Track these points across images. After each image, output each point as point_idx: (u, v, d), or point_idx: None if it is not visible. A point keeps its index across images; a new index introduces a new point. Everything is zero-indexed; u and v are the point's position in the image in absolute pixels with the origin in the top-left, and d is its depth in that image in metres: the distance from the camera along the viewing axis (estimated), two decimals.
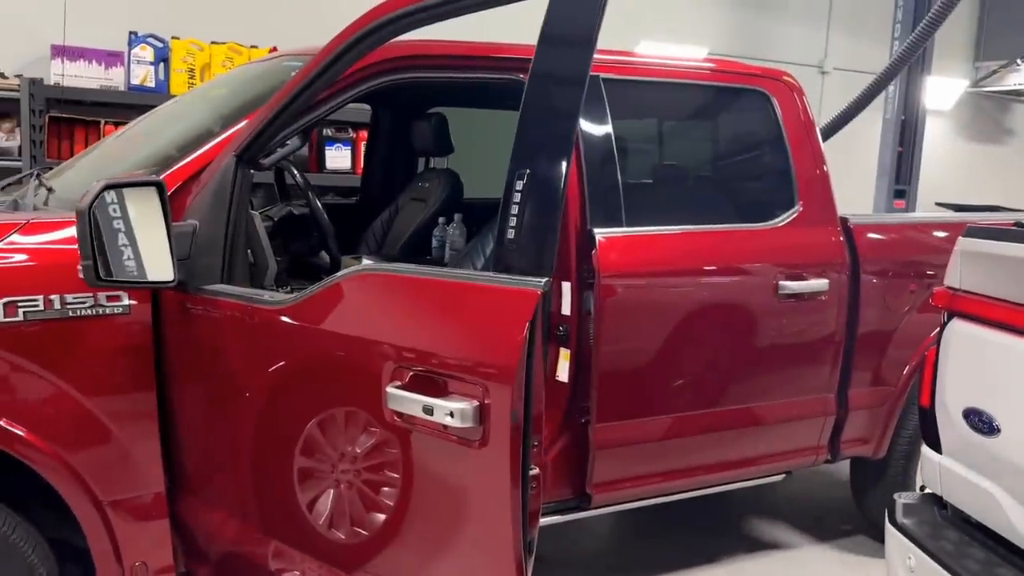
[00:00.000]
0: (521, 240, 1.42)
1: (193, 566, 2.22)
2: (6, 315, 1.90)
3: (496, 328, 1.43)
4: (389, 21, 1.73)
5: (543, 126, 1.47)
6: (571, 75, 1.45)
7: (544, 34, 1.52)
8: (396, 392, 1.54)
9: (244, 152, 2.01)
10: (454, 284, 1.56)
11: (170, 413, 2.11)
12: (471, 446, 1.43)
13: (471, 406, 1.42)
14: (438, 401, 1.45)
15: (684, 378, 2.79)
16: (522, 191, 1.41)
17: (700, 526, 3.67)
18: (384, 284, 1.69)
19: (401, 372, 1.55)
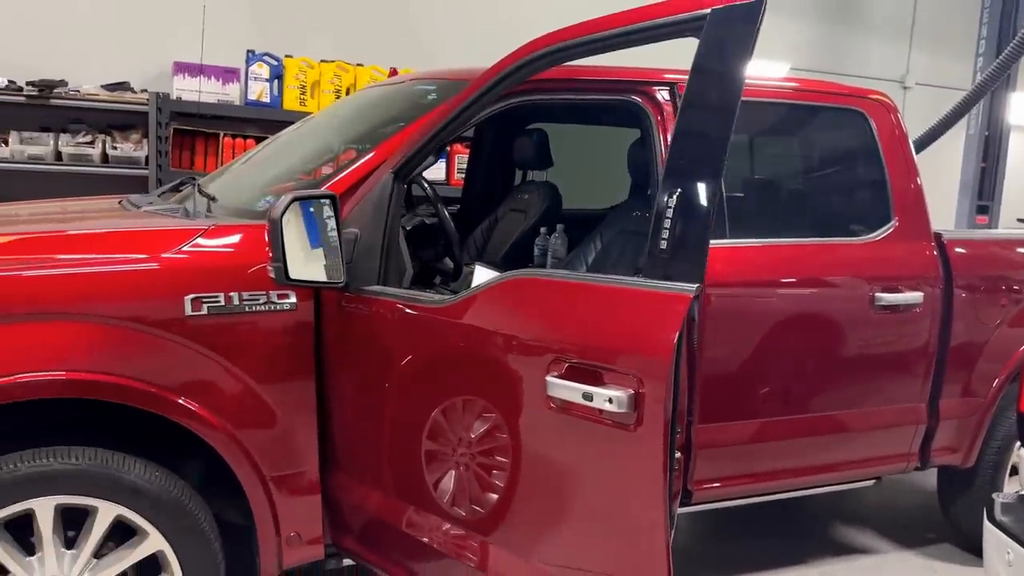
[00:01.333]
0: (674, 250, 1.62)
1: (338, 538, 2.46)
2: (193, 309, 2.17)
3: (651, 326, 1.63)
4: (550, 53, 1.95)
5: (695, 149, 1.66)
6: (723, 102, 1.64)
7: (697, 63, 1.71)
8: (556, 381, 1.76)
9: (401, 169, 2.26)
10: (610, 288, 1.78)
11: (326, 399, 2.36)
12: (626, 429, 1.64)
13: (627, 394, 1.63)
14: (597, 389, 1.67)
15: (781, 384, 2.94)
16: (674, 207, 1.61)
17: (788, 529, 3.80)
18: (540, 287, 1.92)
19: (559, 364, 1.77)
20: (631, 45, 1.87)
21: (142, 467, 2.18)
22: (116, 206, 2.89)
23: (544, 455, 1.87)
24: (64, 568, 2.16)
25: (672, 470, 1.61)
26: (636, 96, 2.74)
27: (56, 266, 2.17)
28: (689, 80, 1.72)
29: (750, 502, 3.09)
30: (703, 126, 1.67)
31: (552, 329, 1.81)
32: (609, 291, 1.78)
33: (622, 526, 1.73)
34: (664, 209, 1.63)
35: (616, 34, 1.86)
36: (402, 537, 2.27)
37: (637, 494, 1.67)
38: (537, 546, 1.96)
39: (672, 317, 1.60)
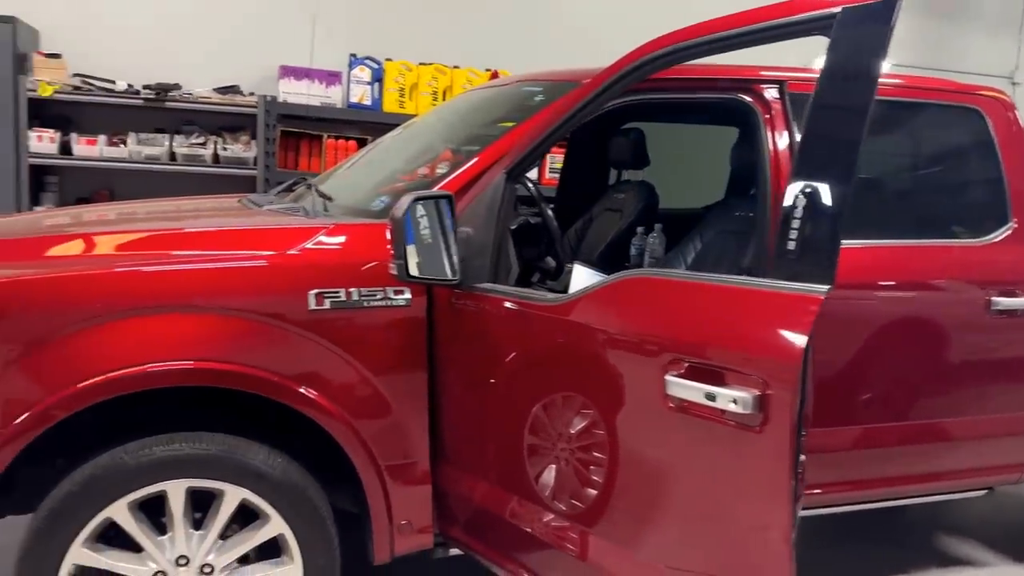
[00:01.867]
0: (802, 251, 1.62)
1: (446, 528, 2.53)
2: (316, 304, 2.27)
3: (780, 328, 1.64)
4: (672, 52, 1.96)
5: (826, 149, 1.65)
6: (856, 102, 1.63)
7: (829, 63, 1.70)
8: (676, 380, 1.78)
9: (514, 169, 2.32)
10: (734, 288, 1.78)
11: (436, 393, 2.43)
12: (750, 431, 1.65)
13: (752, 395, 1.64)
14: (721, 389, 1.68)
15: (888, 389, 2.87)
16: (803, 207, 1.61)
17: (890, 537, 3.71)
18: (658, 286, 1.94)
19: (679, 363, 1.79)
20: (756, 44, 1.88)
21: (266, 453, 2.29)
22: (238, 204, 3.03)
23: (658, 453, 1.89)
24: (192, 547, 2.28)
25: (797, 473, 1.61)
26: (744, 94, 2.73)
27: (190, 261, 2.30)
28: (820, 79, 1.71)
29: (853, 509, 3.04)
30: (834, 126, 1.66)
31: (671, 329, 1.83)
32: (733, 291, 1.78)
33: (743, 529, 1.73)
34: (792, 209, 1.63)
35: (741, 33, 1.87)
36: (507, 528, 2.32)
37: (760, 497, 1.67)
38: (646, 543, 1.98)
39: (802, 319, 1.60)
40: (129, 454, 2.18)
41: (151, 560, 2.25)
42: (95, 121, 5.11)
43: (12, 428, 2.08)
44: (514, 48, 5.92)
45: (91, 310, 2.14)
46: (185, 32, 5.40)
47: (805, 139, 1.68)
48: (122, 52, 5.24)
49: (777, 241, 1.66)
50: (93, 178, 5.18)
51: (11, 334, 2.10)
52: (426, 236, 2.11)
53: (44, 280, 2.16)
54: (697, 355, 1.76)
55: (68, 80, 4.89)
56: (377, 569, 2.53)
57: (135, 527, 2.22)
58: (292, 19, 5.55)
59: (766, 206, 2.72)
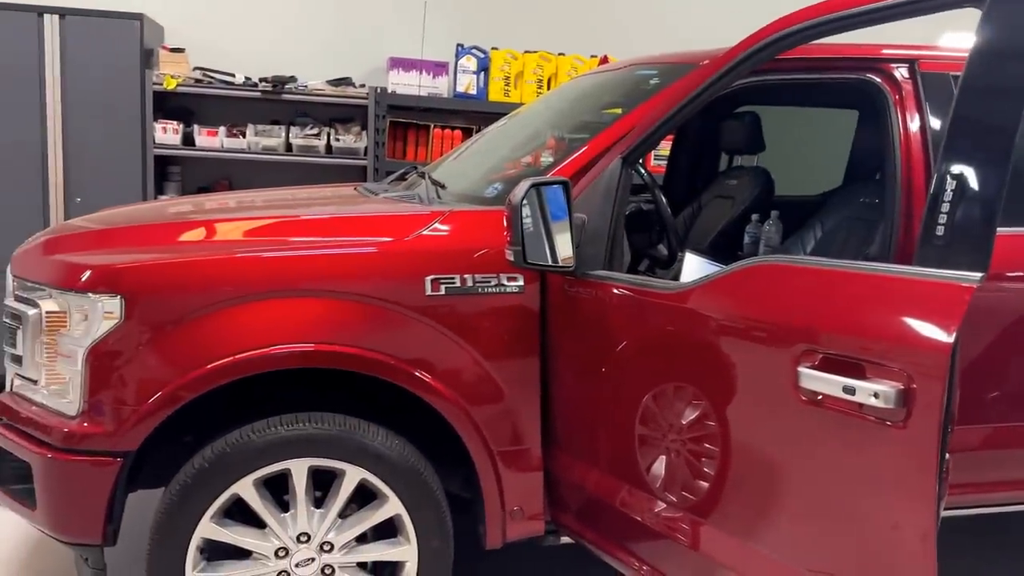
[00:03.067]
0: (952, 237, 1.52)
1: (556, 515, 2.53)
2: (433, 289, 2.30)
3: (927, 318, 1.54)
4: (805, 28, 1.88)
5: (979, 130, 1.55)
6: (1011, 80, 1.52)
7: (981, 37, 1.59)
8: (810, 372, 1.71)
9: (630, 155, 2.28)
10: (875, 276, 1.68)
11: (548, 380, 2.42)
12: (892, 427, 1.57)
13: (894, 389, 1.55)
14: (861, 383, 1.60)
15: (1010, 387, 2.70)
16: (954, 192, 1.51)
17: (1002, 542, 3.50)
18: (789, 274, 1.86)
19: (812, 355, 1.72)
20: (897, 19, 1.78)
21: (384, 435, 2.34)
22: (354, 193, 3.10)
23: (788, 447, 1.82)
24: (313, 525, 2.35)
25: (943, 472, 1.52)
26: (872, 74, 2.60)
27: (313, 247, 2.36)
28: (970, 57, 1.60)
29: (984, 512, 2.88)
30: (988, 108, 1.55)
31: (804, 318, 1.75)
32: (872, 279, 1.69)
33: (881, 529, 1.65)
34: (940, 193, 1.53)
35: (881, 8, 1.77)
36: (618, 516, 2.30)
37: (902, 496, 1.59)
38: (767, 537, 1.92)
39: (952, 308, 1.51)
40: (256, 433, 2.26)
41: (274, 536, 2.33)
42: (215, 113, 5.31)
43: (145, 407, 2.19)
44: (620, 34, 5.85)
45: (219, 294, 2.23)
46: (299, 26, 5.56)
47: (955, 122, 1.58)
48: (240, 46, 5.43)
49: (923, 227, 1.57)
50: (213, 168, 5.40)
51: (143, 317, 2.20)
52: (542, 223, 2.10)
53: (173, 264, 2.26)
54: (833, 346, 1.68)
55: (190, 74, 5.10)
56: (487, 555, 2.55)
57: (260, 504, 2.30)
58: (401, 10, 5.63)
59: (895, 192, 2.61)
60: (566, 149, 2.60)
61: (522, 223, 2.04)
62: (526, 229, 2.07)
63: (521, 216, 2.04)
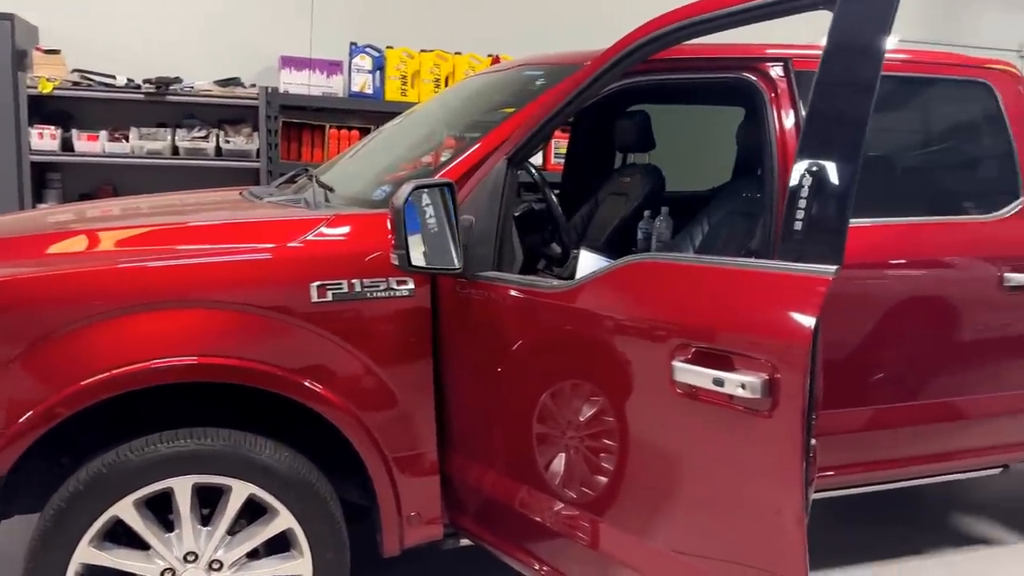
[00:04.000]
0: (810, 231, 1.58)
1: (455, 518, 2.52)
2: (319, 296, 2.25)
3: (788, 311, 1.60)
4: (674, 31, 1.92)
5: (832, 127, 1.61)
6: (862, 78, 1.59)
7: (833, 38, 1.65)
8: (683, 366, 1.75)
9: (515, 155, 2.28)
10: (741, 271, 1.74)
11: (442, 383, 2.41)
12: (758, 415, 1.62)
13: (760, 380, 1.60)
14: (729, 374, 1.65)
15: (899, 369, 2.84)
16: (810, 187, 1.57)
17: (906, 518, 3.68)
18: (664, 271, 1.90)
19: (685, 349, 1.76)
20: (760, 20, 1.83)
21: (272, 448, 2.28)
22: (239, 198, 3.01)
23: (668, 440, 1.86)
24: (200, 544, 2.27)
25: (809, 457, 1.58)
26: (748, 73, 2.69)
27: (190, 256, 2.28)
28: (824, 55, 1.67)
29: (867, 490, 3.01)
30: (840, 103, 1.61)
31: (678, 314, 1.79)
32: (739, 274, 1.74)
33: (754, 514, 1.70)
34: (798, 189, 1.59)
35: (745, 9, 1.82)
36: (517, 517, 2.30)
37: (771, 481, 1.64)
38: (658, 530, 1.96)
39: (810, 300, 1.56)
40: (134, 452, 2.16)
41: (159, 558, 2.24)
42: (96, 116, 5.08)
43: (16, 427, 2.07)
44: (516, 33, 5.87)
45: (92, 307, 2.13)
46: (184, 24, 5.37)
47: (810, 117, 1.64)
48: (121, 46, 5.21)
49: (784, 222, 1.62)
50: (96, 174, 5.17)
51: (13, 332, 2.08)
52: (428, 225, 2.08)
53: (46, 278, 2.14)
54: (704, 339, 1.72)
55: (68, 76, 4.86)
56: (387, 561, 2.52)
57: (142, 525, 2.21)
58: (291, 8, 5.51)
59: (772, 187, 2.70)
60: (454, 150, 2.59)
61: (405, 226, 2.02)
62: (409, 232, 2.05)
63: (404, 219, 2.02)
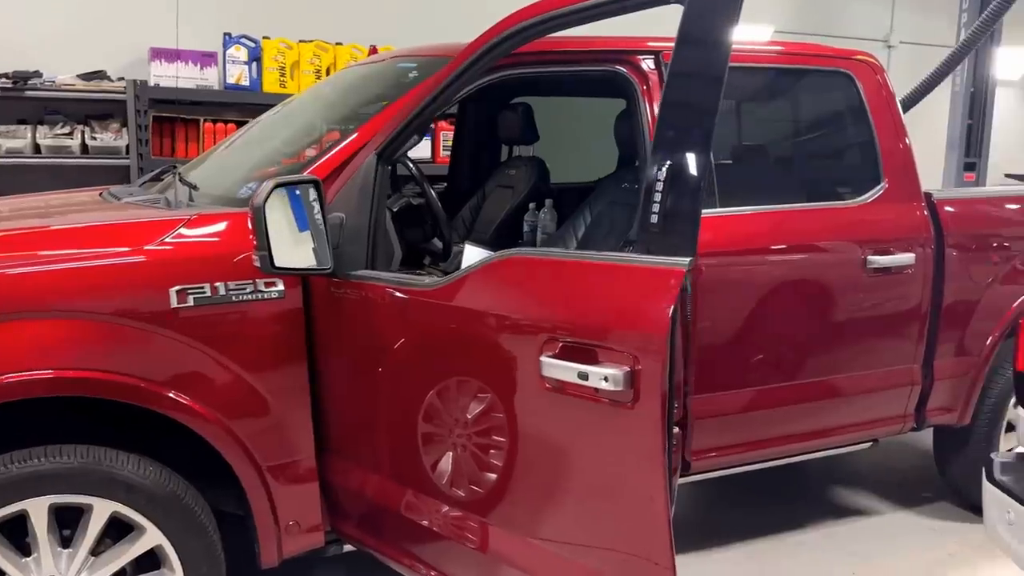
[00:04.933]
0: (665, 224, 1.59)
1: (338, 524, 2.45)
2: (179, 301, 2.14)
3: (646, 302, 1.61)
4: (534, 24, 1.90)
5: (683, 120, 1.63)
6: (710, 71, 1.61)
7: (682, 31, 1.67)
8: (550, 361, 1.73)
9: (385, 150, 2.22)
10: (602, 264, 1.74)
11: (319, 385, 2.33)
12: (622, 407, 1.62)
13: (622, 372, 1.61)
14: (592, 368, 1.64)
15: (776, 352, 2.93)
16: (664, 180, 1.58)
17: (786, 493, 3.81)
18: (531, 266, 1.88)
19: (553, 343, 1.74)
20: (617, 14, 1.83)
21: (136, 463, 2.16)
22: (97, 198, 2.84)
23: (541, 436, 1.85)
24: (62, 567, 2.14)
25: (671, 445, 1.59)
26: (621, 66, 2.70)
27: (39, 263, 2.13)
28: (675, 49, 1.68)
29: (748, 469, 3.10)
30: (690, 96, 1.63)
31: (545, 308, 1.78)
32: (601, 268, 1.74)
33: (622, 502, 1.71)
34: (654, 182, 1.60)
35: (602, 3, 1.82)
36: (401, 521, 2.26)
37: (637, 470, 1.65)
38: (536, 524, 1.95)
39: (666, 292, 1.57)
40: None
41: None
42: None
43: None
44: (400, 23, 5.76)
45: None
46: (43, 14, 5.04)
47: (663, 110, 1.66)
48: None
49: (640, 215, 1.63)
50: None
51: None
52: (292, 223, 2.00)
53: None
54: (570, 334, 1.72)
55: None
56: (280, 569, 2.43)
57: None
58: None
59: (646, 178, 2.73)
60: (323, 146, 2.51)
61: (265, 225, 1.94)
62: (273, 232, 1.96)
63: (264, 218, 1.93)
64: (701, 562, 3.21)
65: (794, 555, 3.28)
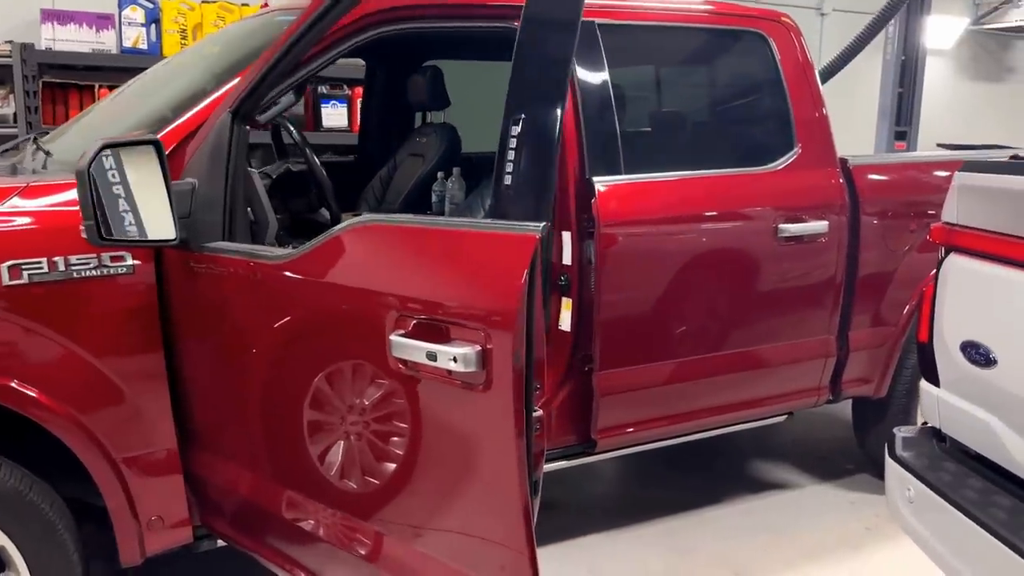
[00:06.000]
0: (518, 186, 1.43)
1: (209, 520, 2.26)
2: (11, 278, 1.91)
3: (496, 274, 1.44)
4: None
5: (536, 73, 1.46)
6: (563, 20, 1.44)
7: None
8: (400, 340, 1.56)
9: (239, 108, 2.01)
10: (453, 232, 1.57)
11: (178, 370, 2.13)
12: (475, 390, 1.46)
13: (474, 351, 1.44)
14: (441, 347, 1.47)
15: (686, 324, 2.81)
16: (517, 137, 1.41)
17: (706, 468, 3.73)
18: (383, 235, 1.70)
19: (404, 320, 1.57)
20: None
21: None
22: None
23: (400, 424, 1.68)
24: None
25: (531, 430, 1.44)
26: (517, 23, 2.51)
27: None
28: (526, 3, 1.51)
29: (663, 445, 2.99)
30: (542, 48, 1.47)
31: (395, 282, 1.60)
32: (454, 235, 1.57)
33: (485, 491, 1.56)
34: (508, 142, 1.43)
35: None
36: (268, 517, 2.08)
37: (495, 458, 1.49)
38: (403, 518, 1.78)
39: (518, 262, 1.41)
40: None
41: None
42: None
43: None
44: None
45: None
46: None
47: (514, 66, 1.48)
48: None
49: (495, 178, 1.46)
50: None
51: None
52: (128, 191, 1.79)
53: None
54: (422, 309, 1.55)
55: None
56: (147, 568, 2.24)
57: None
58: None
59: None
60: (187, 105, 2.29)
61: (92, 193, 1.72)
62: (104, 199, 1.75)
63: (91, 184, 1.72)
64: (612, 541, 3.11)
65: (710, 532, 3.19)
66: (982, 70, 8.85)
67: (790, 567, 2.97)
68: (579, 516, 3.29)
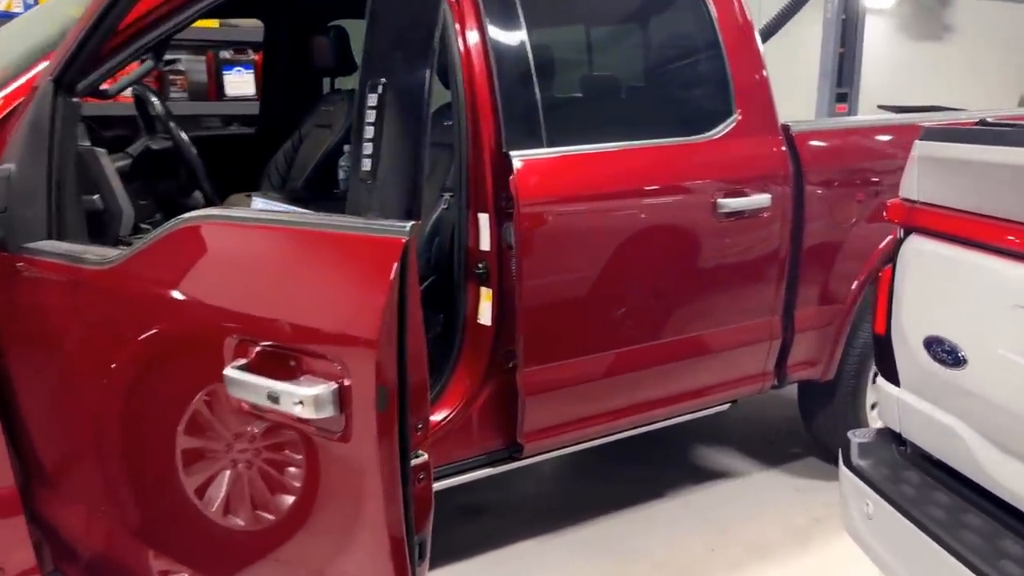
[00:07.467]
0: (379, 173, 1.09)
1: (62, 565, 1.92)
2: None
3: (353, 289, 1.12)
4: None
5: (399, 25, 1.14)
6: None
7: None
8: (236, 376, 1.22)
9: (62, 75, 1.63)
10: (305, 233, 1.22)
11: (9, 396, 1.77)
12: (332, 439, 1.13)
13: (328, 390, 1.11)
14: (285, 386, 1.14)
15: (619, 312, 2.54)
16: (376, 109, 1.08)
17: (647, 460, 3.49)
18: (218, 236, 1.35)
19: (245, 347, 1.23)
20: None
21: None
22: None
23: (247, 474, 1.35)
24: None
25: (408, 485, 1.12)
26: None
27: None
28: None
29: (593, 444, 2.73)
30: None
31: (234, 297, 1.26)
32: (308, 238, 1.23)
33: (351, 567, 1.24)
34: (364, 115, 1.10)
35: None
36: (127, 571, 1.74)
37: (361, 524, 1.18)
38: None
39: (378, 272, 1.08)
40: None
41: None
42: None
43: None
44: None
45: None
46: None
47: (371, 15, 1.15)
48: None
49: (351, 162, 1.14)
50: None
51: None
52: None
53: None
54: (266, 334, 1.21)
55: None
56: None
57: None
58: None
59: (460, 113, 2.27)
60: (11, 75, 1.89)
61: None
62: None
63: None
64: (544, 548, 2.85)
65: (648, 530, 2.95)
66: (922, 29, 8.72)
67: (736, 569, 2.75)
68: (507, 520, 3.02)
